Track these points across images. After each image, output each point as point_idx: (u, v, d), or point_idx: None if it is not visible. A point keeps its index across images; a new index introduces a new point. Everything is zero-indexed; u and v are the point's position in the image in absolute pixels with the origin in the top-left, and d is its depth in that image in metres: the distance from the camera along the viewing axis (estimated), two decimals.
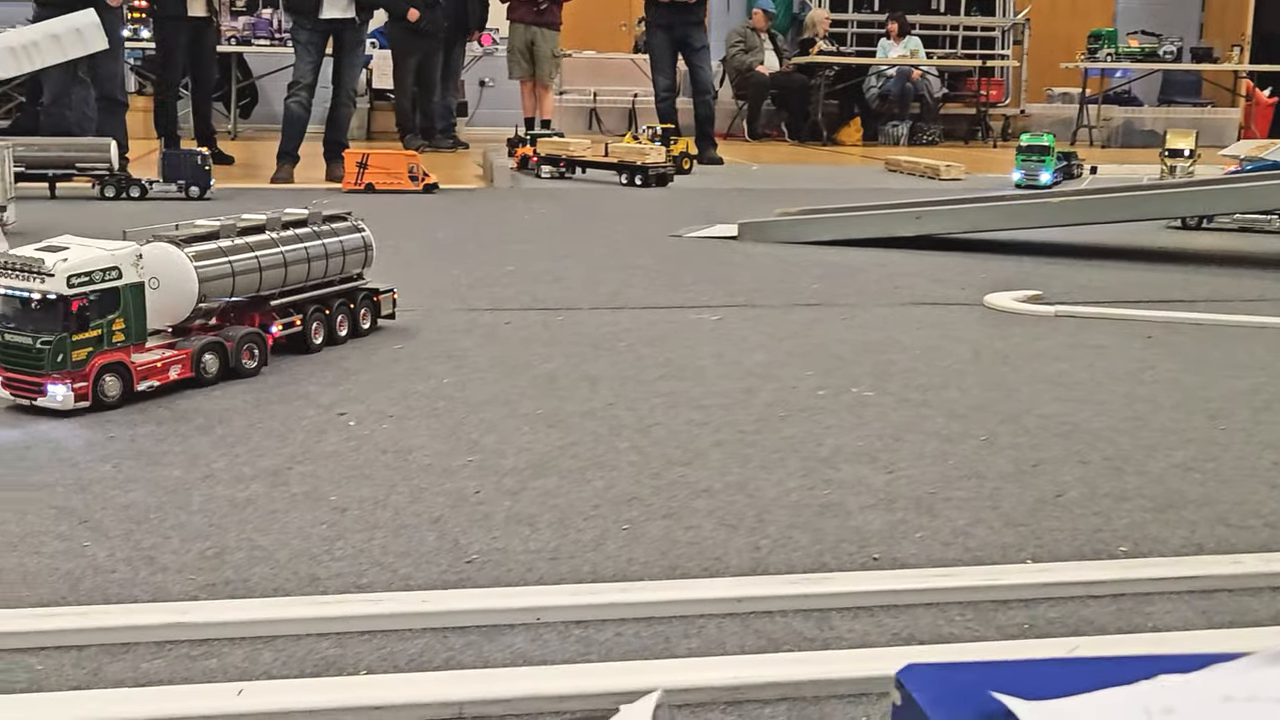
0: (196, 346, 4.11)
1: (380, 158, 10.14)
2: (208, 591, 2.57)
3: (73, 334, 3.75)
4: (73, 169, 9.39)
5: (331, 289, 4.74)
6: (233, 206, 8.94)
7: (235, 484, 3.21)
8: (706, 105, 13.32)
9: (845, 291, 6.01)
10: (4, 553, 2.74)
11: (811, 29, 18.17)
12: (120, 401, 3.87)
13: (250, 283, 4.37)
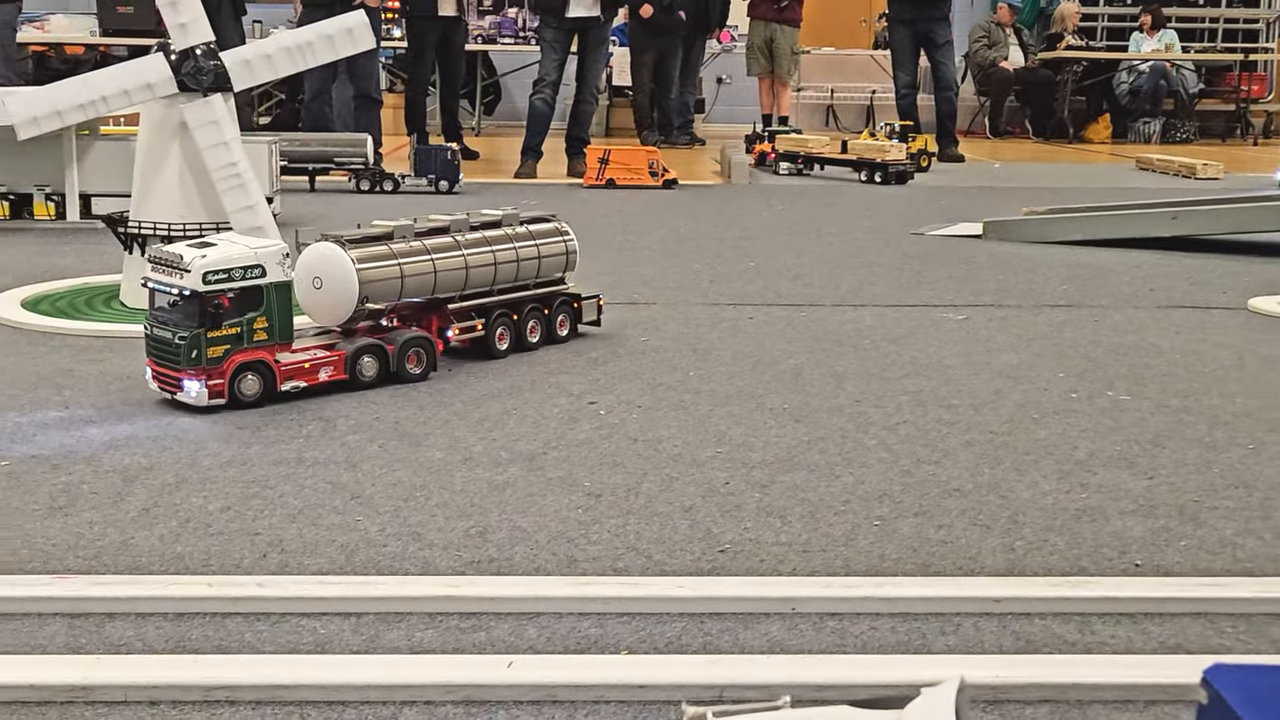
0: (352, 349, 4.03)
1: (621, 153, 10.30)
2: (473, 568, 2.68)
3: (208, 330, 3.74)
4: (331, 163, 9.81)
5: (523, 293, 4.60)
6: (479, 200, 9.21)
7: (494, 467, 3.33)
8: (948, 102, 13.10)
9: (1096, 293, 5.84)
10: (285, 524, 2.90)
11: (1060, 23, 17.67)
12: (260, 401, 3.84)
13: (423, 285, 4.26)
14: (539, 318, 4.64)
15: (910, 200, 9.63)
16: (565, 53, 10.97)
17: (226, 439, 3.53)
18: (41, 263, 6.25)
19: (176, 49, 4.85)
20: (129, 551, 2.73)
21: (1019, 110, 17.80)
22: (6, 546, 2.74)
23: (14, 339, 4.66)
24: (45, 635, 2.34)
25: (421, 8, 11.90)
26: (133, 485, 3.14)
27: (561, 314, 4.72)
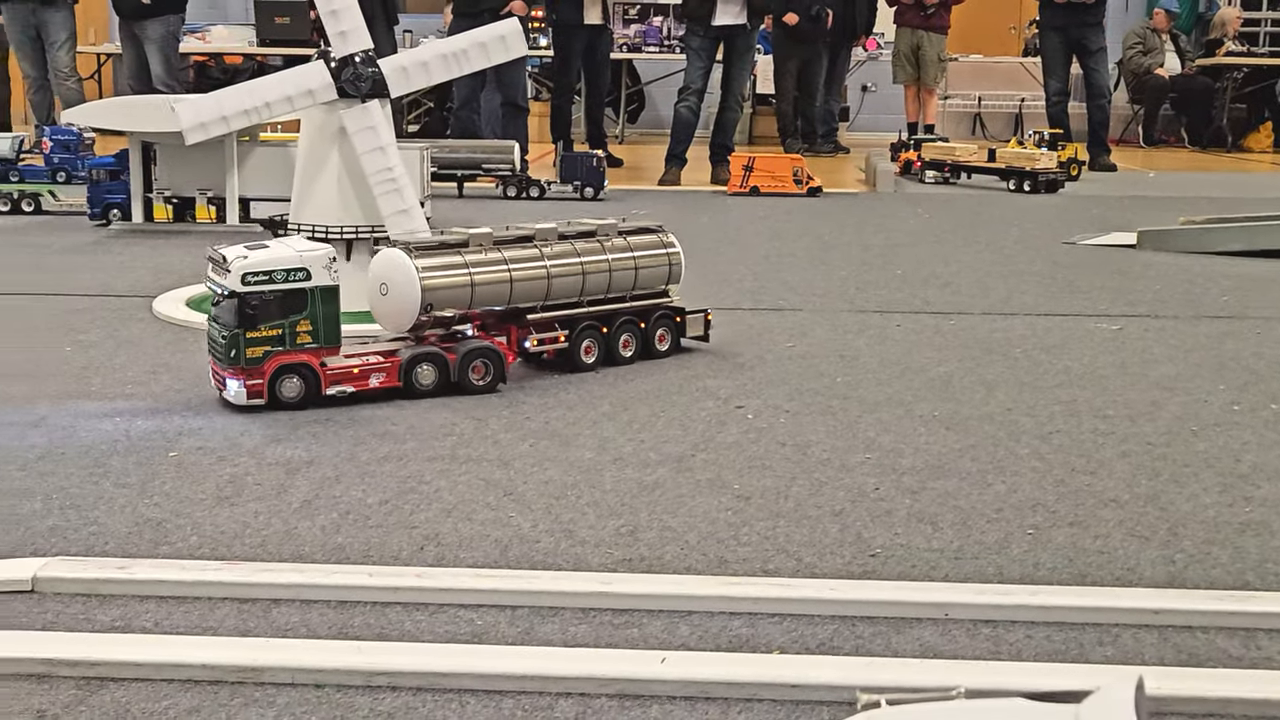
0: (407, 356, 4.00)
1: (766, 161, 10.29)
2: (624, 565, 2.70)
3: (246, 331, 3.77)
4: (479, 170, 9.97)
5: (616, 306, 4.47)
6: (623, 207, 9.28)
7: (643, 468, 3.36)
8: (1101, 110, 12.83)
9: (1259, 304, 5.67)
10: (441, 518, 2.96)
11: (1220, 29, 17.18)
12: (303, 404, 3.83)
13: (496, 294, 4.17)
14: (634, 331, 4.49)
15: (1060, 209, 9.45)
16: (711, 61, 11.00)
17: (383, 435, 3.61)
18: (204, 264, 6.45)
19: (336, 56, 4.98)
20: (292, 541, 2.82)
21: (1174, 118, 17.35)
22: (178, 533, 2.85)
23: (180, 337, 4.83)
24: (215, 618, 2.42)
25: (567, 16, 12.03)
26: (294, 477, 3.24)
27: (661, 328, 4.57)
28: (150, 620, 2.41)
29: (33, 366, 4.31)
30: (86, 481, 3.18)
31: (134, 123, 7.42)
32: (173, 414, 3.78)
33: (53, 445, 3.47)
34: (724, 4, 10.64)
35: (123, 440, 3.53)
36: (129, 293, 5.65)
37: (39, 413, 3.77)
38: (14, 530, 2.85)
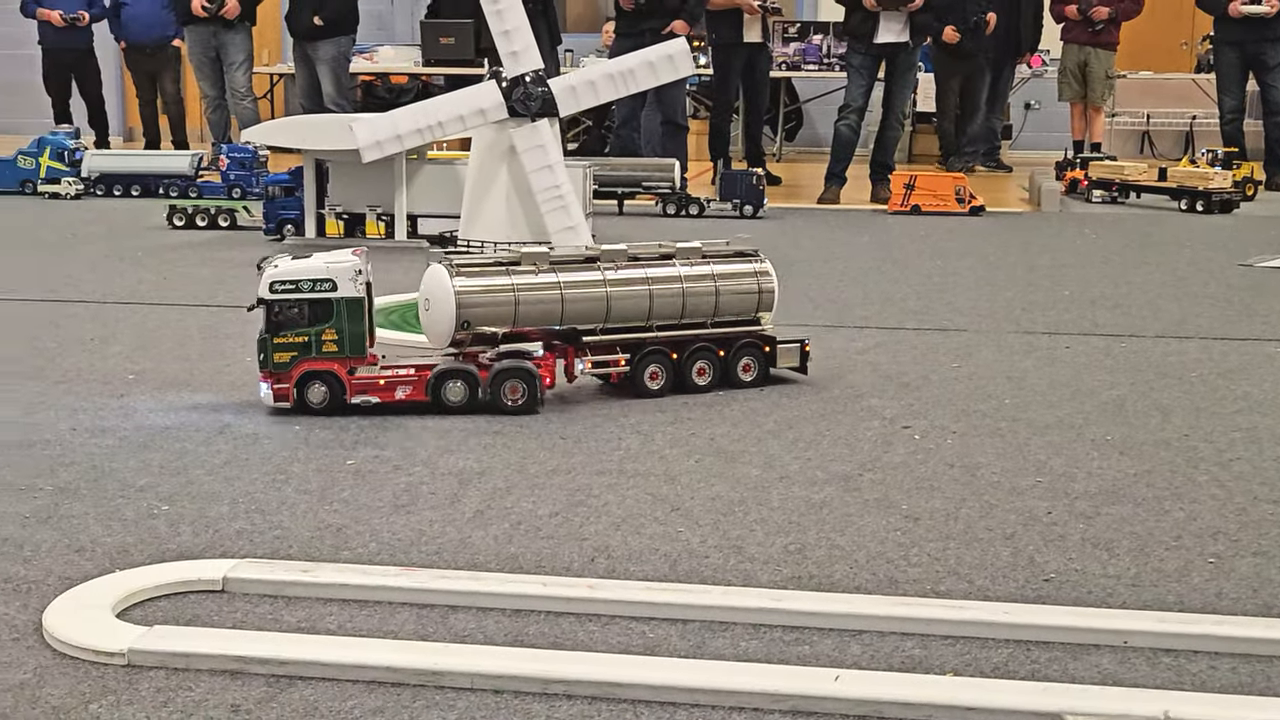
0: (436, 371, 4.00)
1: (928, 180, 10.18)
2: (793, 583, 2.71)
3: (273, 337, 3.89)
4: (639, 187, 10.06)
5: (689, 331, 4.29)
6: (782, 225, 9.28)
7: (810, 486, 3.36)
8: (1278, 127, 12.41)
9: None
10: (610, 531, 3.00)
11: None
12: (329, 410, 3.92)
13: (544, 314, 4.10)
14: (710, 359, 4.30)
15: (1236, 230, 9.17)
16: (872, 79, 10.92)
17: (551, 448, 3.67)
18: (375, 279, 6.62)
19: (508, 76, 5.09)
20: (467, 549, 2.88)
21: None
22: (358, 539, 2.93)
23: None
24: (396, 622, 2.49)
25: (727, 35, 12.07)
26: (467, 487, 3.31)
27: (746, 357, 4.35)
28: (334, 622, 2.49)
29: (218, 376, 4.48)
30: (270, 487, 3.29)
31: (311, 141, 7.66)
32: (349, 424, 3.89)
33: (237, 452, 3.60)
34: (886, 21, 10.56)
35: (303, 448, 3.65)
36: None
37: (224, 420, 3.91)
38: (204, 532, 2.96)
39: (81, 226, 8.87)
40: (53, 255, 7.42)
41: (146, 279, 6.56)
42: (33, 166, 11.05)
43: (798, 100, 17.10)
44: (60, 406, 4.04)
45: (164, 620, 2.48)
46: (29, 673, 2.25)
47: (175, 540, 2.91)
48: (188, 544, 2.89)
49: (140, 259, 7.22)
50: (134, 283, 6.41)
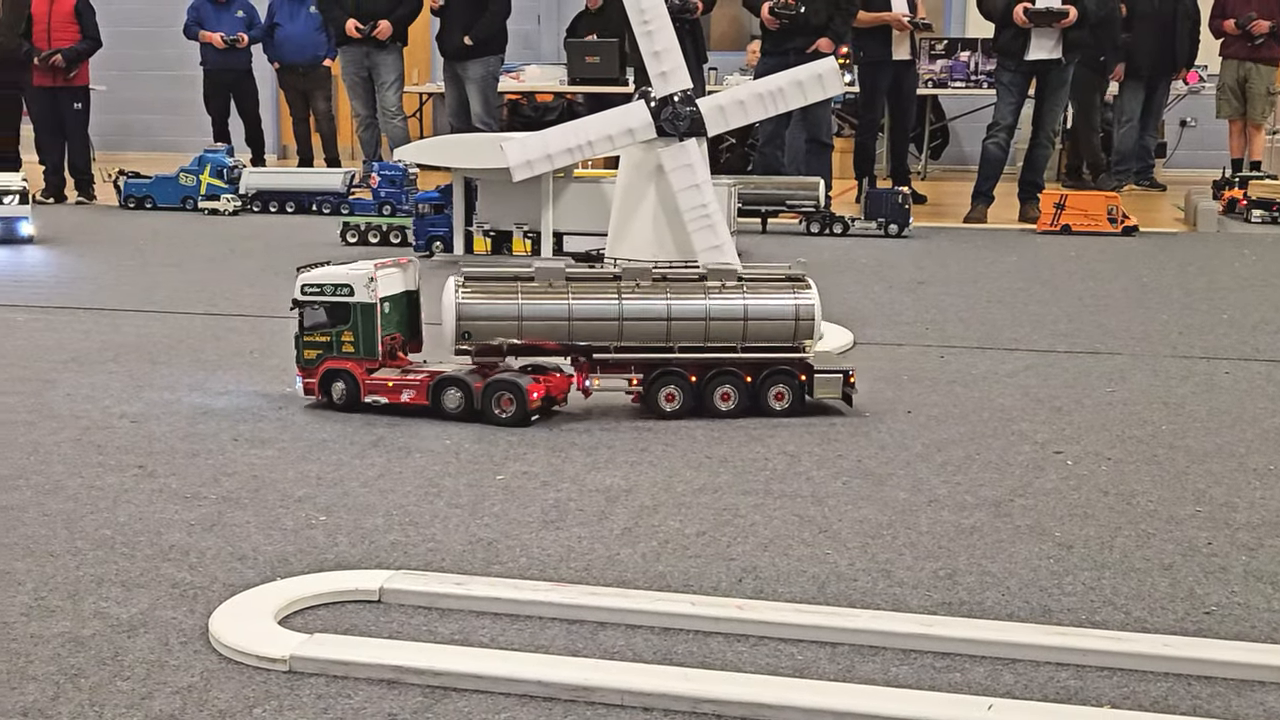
0: (436, 379, 4.16)
1: (1078, 199, 9.98)
2: (944, 609, 2.68)
3: (303, 335, 4.26)
4: (783, 206, 10.04)
5: (712, 355, 4.23)
6: (928, 245, 9.18)
7: (959, 510, 3.32)
8: None
9: None
10: (758, 552, 3.00)
11: None
12: (348, 407, 4.21)
13: (550, 330, 4.16)
14: (736, 384, 4.22)
15: None
16: (1022, 96, 10.75)
17: (697, 467, 3.69)
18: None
19: (656, 96, 5.12)
20: (615, 566, 2.91)
21: None
22: (508, 553, 2.98)
23: None
24: (546, 637, 2.52)
25: (874, 52, 11.99)
26: (614, 505, 3.34)
27: (779, 385, 4.24)
28: (487, 635, 2.53)
29: None
30: (423, 500, 3.36)
31: (460, 159, 7.80)
32: (498, 440, 3.95)
33: (390, 465, 3.68)
34: (1038, 38, 10.39)
35: (453, 462, 3.71)
36: None
37: (377, 433, 4.00)
38: (360, 543, 3.04)
39: (239, 242, 9.15)
40: (212, 270, 7.67)
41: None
42: (193, 183, 11.44)
43: (944, 118, 16.91)
44: (223, 417, 4.18)
45: (323, 628, 2.54)
46: (196, 676, 2.33)
47: (333, 550, 2.99)
48: (344, 554, 2.96)
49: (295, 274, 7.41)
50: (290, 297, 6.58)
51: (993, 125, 10.81)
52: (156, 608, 2.63)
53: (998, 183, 10.91)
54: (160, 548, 2.98)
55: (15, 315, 6.09)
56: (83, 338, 5.51)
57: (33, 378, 4.73)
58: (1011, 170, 11.80)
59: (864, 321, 5.99)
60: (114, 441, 3.89)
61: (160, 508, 3.27)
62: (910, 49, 12.15)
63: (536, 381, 4.15)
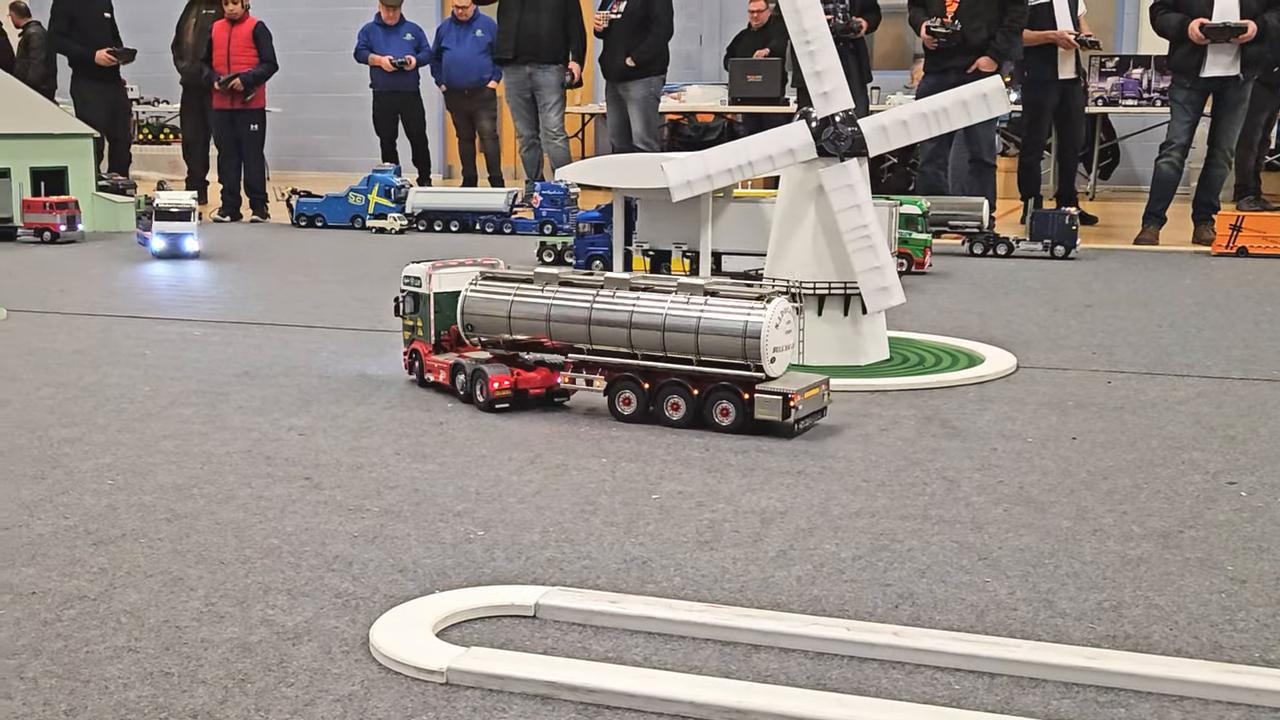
0: (453, 364, 4.75)
1: (1256, 220, 9.64)
2: (1108, 642, 2.60)
3: (403, 319, 5.06)
4: (945, 226, 9.89)
5: (666, 365, 4.34)
6: (1095, 267, 8.96)
7: (1126, 541, 3.22)
8: None
9: None
10: (915, 578, 2.96)
11: None
12: (419, 381, 4.96)
13: (531, 329, 4.56)
14: (684, 396, 4.31)
15: None
16: (1197, 114, 10.44)
17: (854, 490, 3.65)
18: None
19: (818, 116, 5.10)
20: (769, 589, 2.89)
21: None
22: (662, 573, 2.98)
23: None
24: (700, 658, 2.52)
25: (1040, 72, 11.77)
26: (769, 527, 3.32)
27: (723, 401, 4.26)
28: (640, 654, 2.53)
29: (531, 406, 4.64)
30: (578, 518, 3.39)
31: (622, 179, 7.86)
32: (654, 458, 3.97)
33: (547, 482, 3.72)
34: (1214, 54, 10.08)
35: (609, 480, 3.74)
36: None
37: (535, 450, 4.05)
38: (517, 559, 3.07)
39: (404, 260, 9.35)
40: (378, 287, 7.86)
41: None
42: (362, 203, 11.75)
43: (1114, 136, 16.51)
44: (386, 432, 4.27)
45: (479, 642, 2.58)
46: (357, 685, 2.38)
47: (490, 565, 3.03)
48: (501, 569, 3.00)
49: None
50: None
51: (1166, 144, 10.51)
52: (320, 617, 2.70)
53: (1170, 203, 10.60)
54: (325, 558, 3.06)
55: (193, 329, 6.32)
56: (255, 352, 5.70)
57: (207, 390, 4.90)
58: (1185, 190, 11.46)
59: (1028, 345, 5.86)
60: (283, 453, 4.01)
61: (325, 519, 3.36)
62: (1075, 67, 11.90)
63: (505, 373, 4.56)
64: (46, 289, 7.79)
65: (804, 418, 4.25)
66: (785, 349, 4.29)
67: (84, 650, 2.53)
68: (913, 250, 8.54)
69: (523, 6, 12.79)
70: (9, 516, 3.37)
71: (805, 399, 4.21)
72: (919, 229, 8.61)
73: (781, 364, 4.28)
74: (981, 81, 5.17)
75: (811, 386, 4.26)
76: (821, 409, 4.35)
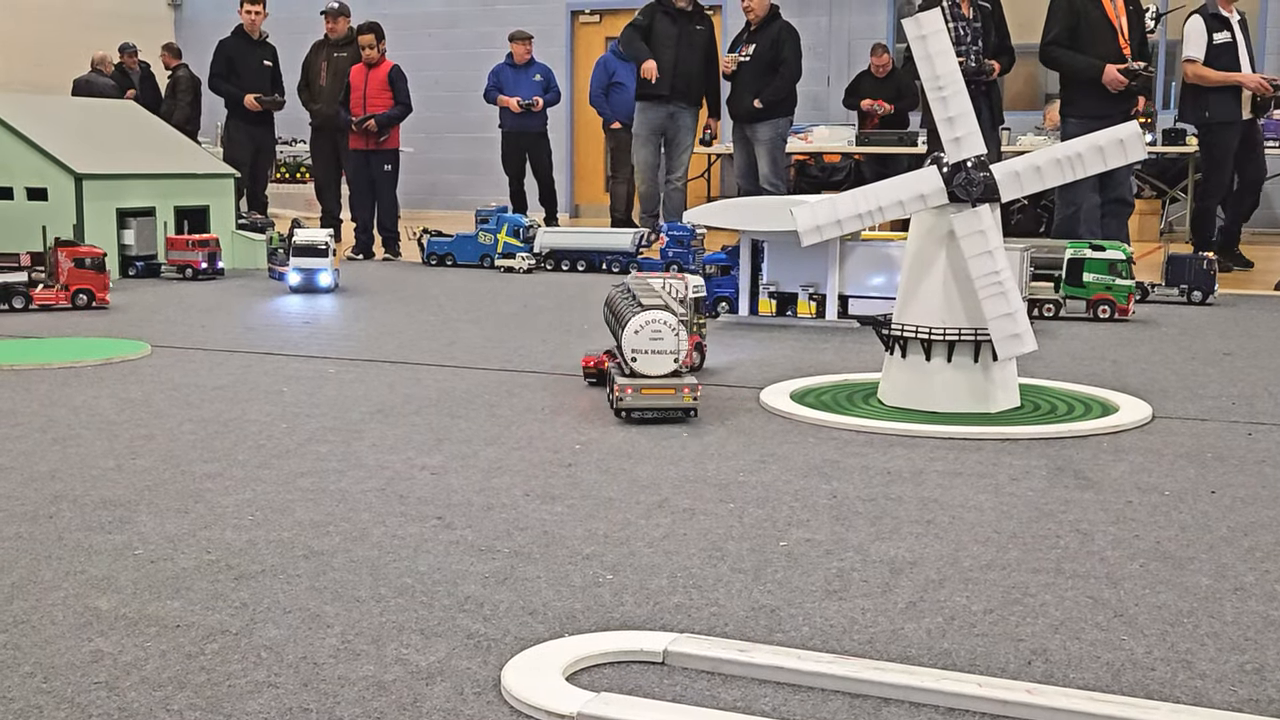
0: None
1: None
2: (1250, 705, 2.54)
3: None
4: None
5: None
6: (1234, 313, 8.74)
7: (1269, 601, 3.14)
8: None
9: None
10: (1049, 634, 2.91)
11: None
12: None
13: None
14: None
15: None
16: None
17: (985, 541, 3.61)
18: (806, 358, 6.74)
19: (949, 162, 5.08)
20: (899, 641, 2.87)
21: None
22: (790, 622, 2.98)
23: (785, 429, 5.06)
24: (828, 710, 2.51)
25: (1227, 113, 11.51)
26: (899, 577, 3.29)
27: (611, 388, 5.32)
28: (769, 704, 2.53)
29: (657, 449, 4.67)
30: (706, 564, 3.40)
31: (750, 222, 7.90)
32: (781, 504, 3.97)
33: (675, 526, 3.73)
34: None
35: (737, 525, 3.74)
36: (737, 383, 5.99)
37: (663, 494, 4.07)
38: (645, 604, 3.09)
39: (532, 299, 9.48)
40: (507, 327, 7.98)
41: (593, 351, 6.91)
42: (491, 242, 11.93)
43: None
44: (515, 472, 4.33)
45: (608, 687, 2.60)
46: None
47: (619, 609, 3.05)
48: (630, 614, 3.02)
49: (586, 331, 7.64)
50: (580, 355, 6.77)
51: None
52: (453, 657, 2.74)
53: None
54: (457, 598, 3.11)
55: (327, 367, 6.47)
56: (388, 390, 5.81)
57: (342, 428, 5.01)
58: None
59: (1164, 394, 5.74)
60: (415, 492, 4.08)
61: (457, 559, 3.41)
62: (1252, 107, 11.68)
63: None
64: (189, 325, 8.04)
65: (638, 409, 5.05)
66: (651, 354, 5.06)
67: (226, 684, 2.60)
68: (1115, 297, 8.40)
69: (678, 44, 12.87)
70: (155, 550, 3.49)
71: (640, 394, 5.02)
72: (1123, 275, 8.44)
73: (649, 365, 5.07)
74: (1119, 127, 5.09)
75: (665, 386, 5.03)
76: (682, 408, 5.07)
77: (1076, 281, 8.50)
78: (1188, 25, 11.70)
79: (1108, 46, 10.50)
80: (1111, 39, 10.50)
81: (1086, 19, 10.54)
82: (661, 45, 12.87)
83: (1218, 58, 11.41)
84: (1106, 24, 10.50)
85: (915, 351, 5.27)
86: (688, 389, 5.04)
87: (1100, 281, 8.42)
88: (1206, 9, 11.67)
